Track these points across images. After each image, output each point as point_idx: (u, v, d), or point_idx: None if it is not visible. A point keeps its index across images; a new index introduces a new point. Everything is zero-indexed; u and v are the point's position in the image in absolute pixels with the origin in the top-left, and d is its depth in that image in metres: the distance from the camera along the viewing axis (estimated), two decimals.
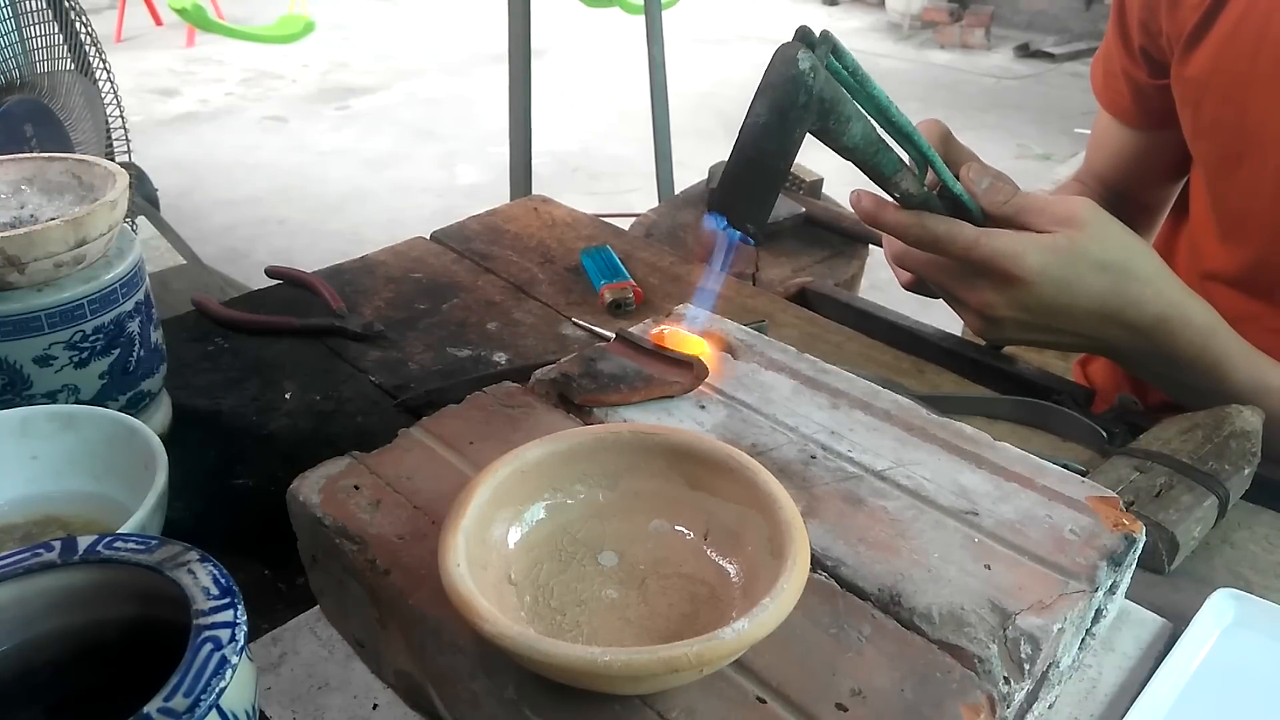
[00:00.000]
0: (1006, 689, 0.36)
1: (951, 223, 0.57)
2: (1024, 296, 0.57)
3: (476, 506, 0.38)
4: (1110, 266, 0.57)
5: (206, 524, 0.56)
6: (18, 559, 0.35)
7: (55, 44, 1.40)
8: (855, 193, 0.59)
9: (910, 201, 0.57)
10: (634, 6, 2.99)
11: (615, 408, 0.50)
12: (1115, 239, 0.58)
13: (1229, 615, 0.47)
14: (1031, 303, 0.57)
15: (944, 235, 0.57)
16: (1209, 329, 0.60)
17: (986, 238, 0.56)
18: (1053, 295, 0.57)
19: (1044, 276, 0.56)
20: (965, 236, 0.57)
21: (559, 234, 0.91)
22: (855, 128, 0.51)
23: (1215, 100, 0.70)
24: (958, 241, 0.57)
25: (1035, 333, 0.60)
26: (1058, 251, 0.56)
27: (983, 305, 0.59)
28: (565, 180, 3.37)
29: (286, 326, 0.75)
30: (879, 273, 2.09)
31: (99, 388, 0.56)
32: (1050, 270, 0.56)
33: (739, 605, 0.37)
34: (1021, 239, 0.56)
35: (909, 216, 0.57)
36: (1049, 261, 0.56)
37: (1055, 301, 0.57)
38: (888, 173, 0.55)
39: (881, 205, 0.58)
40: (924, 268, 0.62)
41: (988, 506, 0.44)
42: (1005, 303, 0.58)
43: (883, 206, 0.58)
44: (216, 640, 0.31)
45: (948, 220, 0.57)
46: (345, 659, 0.45)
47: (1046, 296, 0.57)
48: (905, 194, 0.57)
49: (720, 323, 0.58)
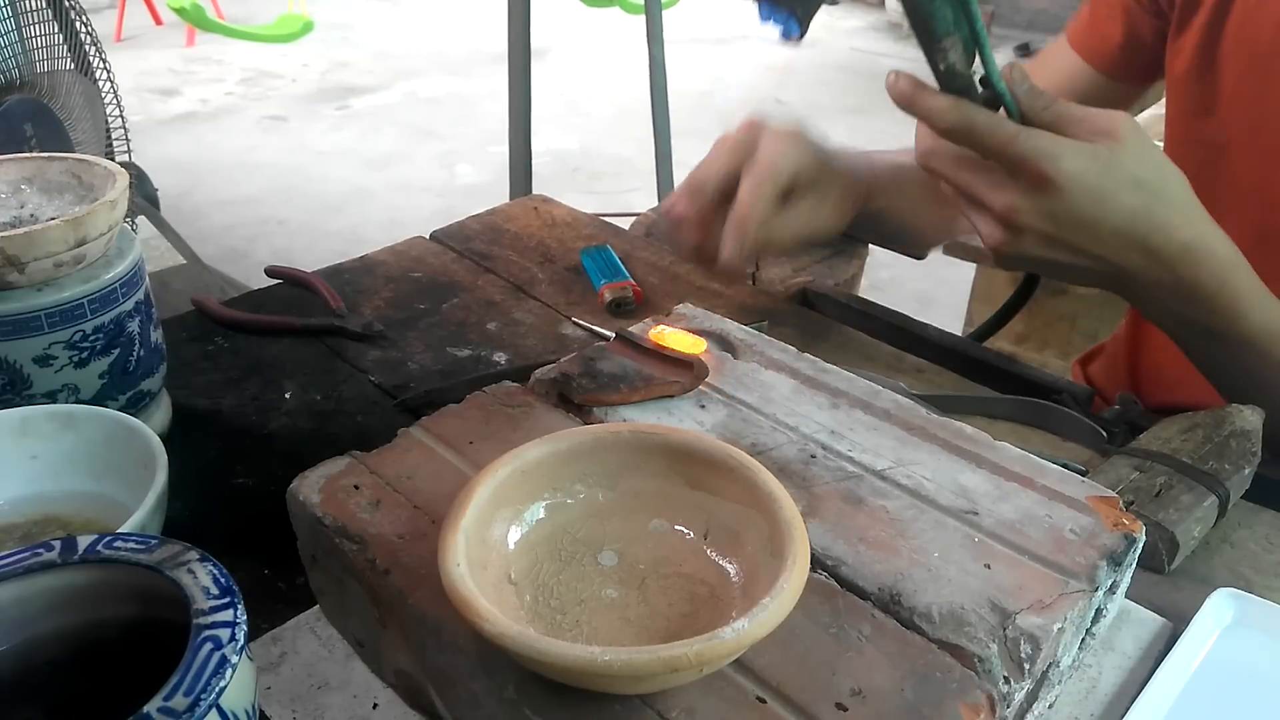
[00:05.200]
0: (1006, 688, 0.36)
1: (991, 114, 0.54)
2: (1053, 204, 0.54)
3: (476, 506, 0.38)
4: (1145, 185, 0.54)
5: (206, 524, 0.56)
6: (18, 559, 0.35)
7: (55, 44, 1.40)
8: (892, 73, 0.55)
9: (953, 81, 0.53)
10: (634, 6, 2.99)
11: (615, 407, 0.50)
12: (1152, 158, 0.55)
13: (1229, 615, 0.47)
14: (1059, 212, 0.54)
15: (983, 126, 0.53)
16: (1231, 264, 0.58)
17: (1026, 134, 0.53)
18: (1083, 206, 0.54)
19: (1078, 184, 0.53)
20: (1005, 130, 0.53)
21: (559, 233, 0.91)
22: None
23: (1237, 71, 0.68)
24: (996, 134, 0.53)
25: (1055, 250, 0.57)
26: (1096, 159, 0.53)
27: (1008, 210, 0.55)
28: (565, 180, 3.37)
29: (286, 326, 0.75)
30: (879, 273, 2.10)
31: (99, 387, 0.56)
32: (1085, 178, 0.53)
33: (739, 605, 0.37)
34: (1060, 142, 0.53)
35: (948, 100, 0.54)
36: (1085, 168, 0.53)
37: (1084, 214, 0.54)
38: (940, 32, 0.51)
39: (919, 87, 0.54)
40: (951, 165, 0.58)
41: (988, 506, 0.44)
42: (1032, 209, 0.54)
43: (920, 89, 0.54)
44: (216, 640, 0.31)
45: (988, 111, 0.54)
46: (345, 658, 0.45)
47: (1076, 207, 0.54)
48: (950, 69, 0.53)
49: (720, 322, 0.58)
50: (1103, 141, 0.54)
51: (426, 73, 4.57)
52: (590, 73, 4.56)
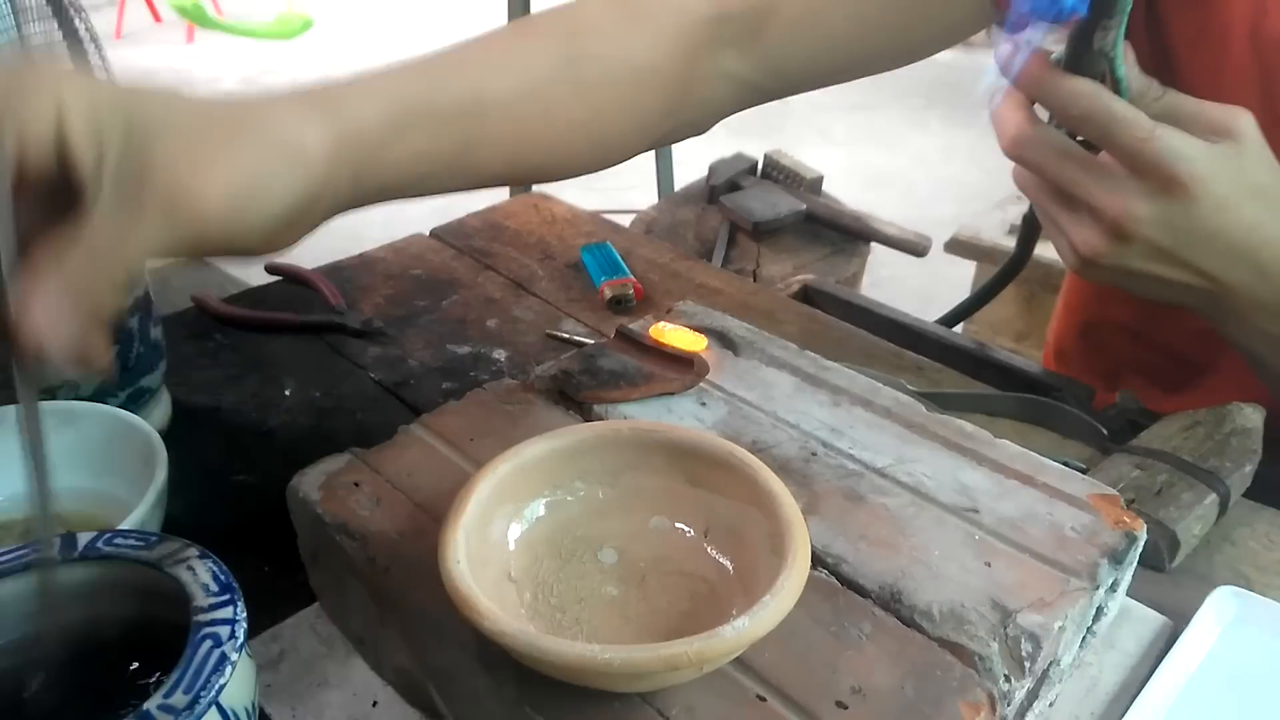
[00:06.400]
0: (1007, 687, 0.36)
1: (1129, 105, 0.47)
2: (1177, 213, 0.48)
3: (477, 503, 0.38)
4: (1264, 194, 0.49)
5: (206, 520, 0.55)
6: (17, 555, 0.35)
7: (55, 41, 1.40)
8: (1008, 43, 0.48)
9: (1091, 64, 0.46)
10: None
11: (615, 404, 0.50)
12: (1270, 161, 0.49)
13: (1230, 613, 0.47)
14: (1180, 221, 0.48)
15: (1121, 117, 0.46)
16: None
17: (1164, 131, 0.47)
18: (1206, 216, 0.48)
19: (1207, 191, 0.47)
20: (1143, 125, 0.46)
21: (559, 231, 0.91)
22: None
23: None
24: (1135, 127, 0.46)
25: (1159, 263, 0.50)
26: (1226, 163, 0.48)
27: (1122, 214, 0.48)
28: None
29: (286, 323, 0.75)
30: (880, 270, 2.09)
31: (98, 384, 0.56)
32: (1213, 185, 0.47)
33: (739, 603, 0.37)
34: (1195, 143, 0.47)
35: (1090, 85, 0.46)
36: (1215, 175, 0.47)
37: (1205, 225, 0.48)
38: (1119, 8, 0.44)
39: (1046, 64, 0.47)
40: (1055, 158, 0.50)
41: (988, 504, 0.44)
42: (1152, 216, 0.48)
43: (1048, 66, 0.47)
44: (216, 637, 0.31)
45: (1125, 102, 0.47)
46: (345, 656, 0.45)
47: (1199, 217, 0.48)
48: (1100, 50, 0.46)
49: (721, 319, 0.58)
50: (1225, 142, 0.48)
51: None
52: None
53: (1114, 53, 0.46)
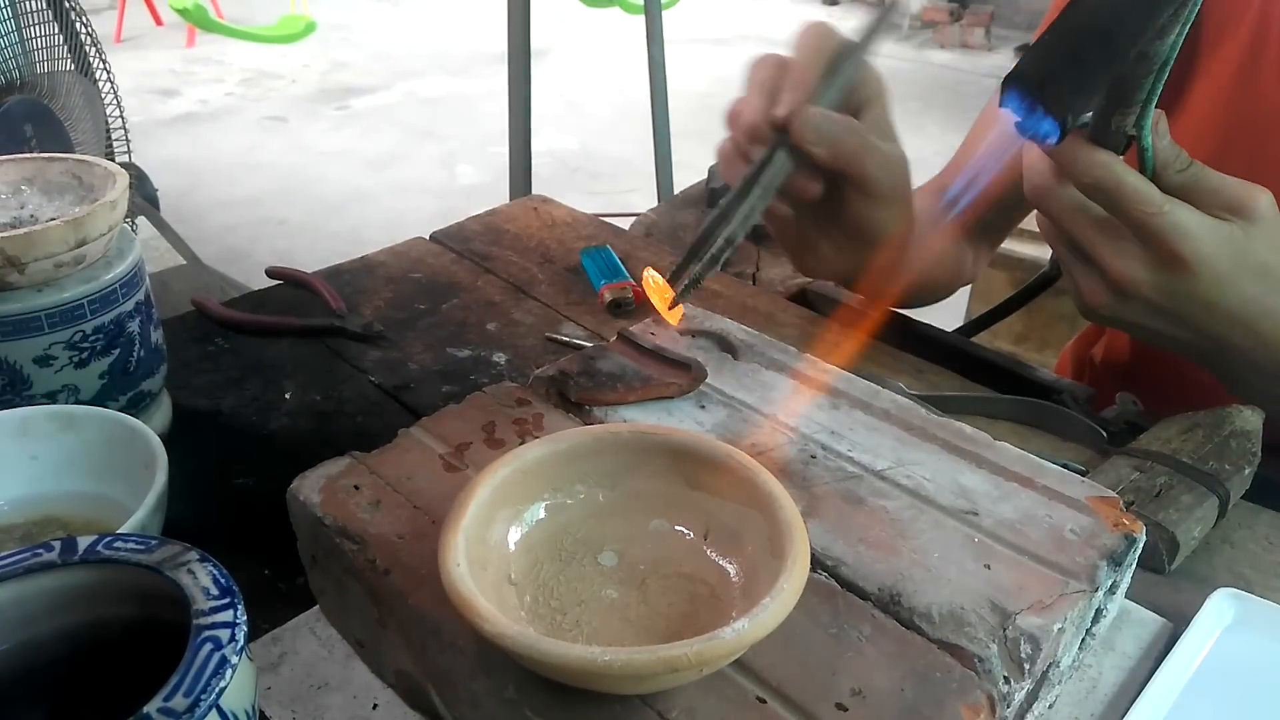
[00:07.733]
0: (1006, 689, 0.36)
1: (1141, 179, 0.49)
2: (1176, 284, 0.51)
3: (477, 506, 0.38)
4: (1269, 273, 0.51)
5: (206, 524, 0.56)
6: (18, 559, 0.35)
7: (55, 44, 1.40)
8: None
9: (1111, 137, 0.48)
10: (634, 6, 2.99)
11: (615, 407, 0.50)
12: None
13: (1229, 615, 0.47)
14: (1181, 292, 0.51)
15: (1132, 192, 0.49)
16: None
17: (1171, 207, 0.49)
18: (1205, 290, 0.51)
19: (1207, 268, 0.50)
20: (1153, 199, 0.49)
21: (559, 234, 0.91)
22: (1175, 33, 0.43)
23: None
24: (1144, 203, 0.49)
25: (1159, 320, 0.53)
26: (1231, 243, 0.50)
27: (1124, 278, 0.51)
28: (565, 180, 3.37)
29: (286, 327, 0.75)
30: None
31: (99, 388, 0.56)
32: (1215, 263, 0.50)
33: (739, 605, 0.37)
34: (1203, 221, 0.50)
35: (1105, 156, 0.49)
36: (1218, 254, 0.50)
37: (1204, 297, 0.51)
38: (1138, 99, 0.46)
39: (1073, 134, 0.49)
40: (1070, 214, 0.53)
41: (988, 506, 0.44)
42: (1153, 283, 0.51)
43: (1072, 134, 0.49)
44: (216, 640, 0.31)
45: (1138, 175, 0.49)
46: (345, 659, 0.45)
47: (1198, 290, 0.51)
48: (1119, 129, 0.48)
49: (721, 322, 0.58)
50: (1237, 220, 0.50)
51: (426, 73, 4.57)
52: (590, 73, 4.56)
53: (1137, 128, 0.48)
